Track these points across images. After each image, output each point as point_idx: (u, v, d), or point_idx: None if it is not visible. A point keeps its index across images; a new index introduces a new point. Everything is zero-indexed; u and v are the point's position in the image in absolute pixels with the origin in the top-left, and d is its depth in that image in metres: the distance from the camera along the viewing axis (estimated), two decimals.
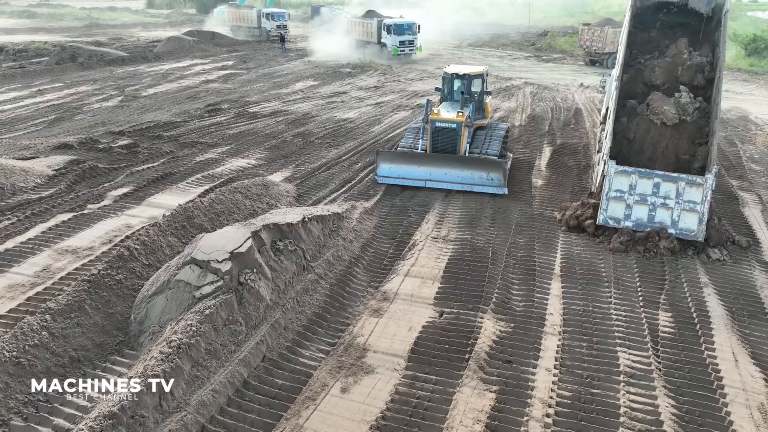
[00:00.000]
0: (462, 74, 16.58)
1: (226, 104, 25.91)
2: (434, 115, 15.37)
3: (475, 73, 16.68)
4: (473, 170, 14.71)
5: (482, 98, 16.82)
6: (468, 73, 16.57)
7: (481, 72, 16.80)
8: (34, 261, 10.98)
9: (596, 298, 10.15)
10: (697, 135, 12.30)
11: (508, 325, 9.32)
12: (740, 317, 9.62)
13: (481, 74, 16.79)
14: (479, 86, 16.80)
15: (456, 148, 15.31)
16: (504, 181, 14.56)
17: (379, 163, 15.56)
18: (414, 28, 41.24)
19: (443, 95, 17.18)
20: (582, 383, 7.98)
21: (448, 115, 15.36)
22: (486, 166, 14.74)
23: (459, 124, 15.12)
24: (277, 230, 10.12)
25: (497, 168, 14.64)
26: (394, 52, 41.02)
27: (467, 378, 7.99)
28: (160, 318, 8.59)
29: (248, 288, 8.77)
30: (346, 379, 8.04)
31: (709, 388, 7.88)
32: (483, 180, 14.63)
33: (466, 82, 16.51)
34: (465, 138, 15.30)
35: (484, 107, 16.87)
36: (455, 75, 16.69)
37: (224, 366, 7.84)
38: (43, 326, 8.09)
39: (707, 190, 11.50)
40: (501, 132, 16.54)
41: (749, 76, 35.05)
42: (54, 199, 13.94)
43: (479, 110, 16.74)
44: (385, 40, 41.74)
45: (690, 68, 12.99)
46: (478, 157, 15.10)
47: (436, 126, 15.27)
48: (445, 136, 15.26)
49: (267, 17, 53.06)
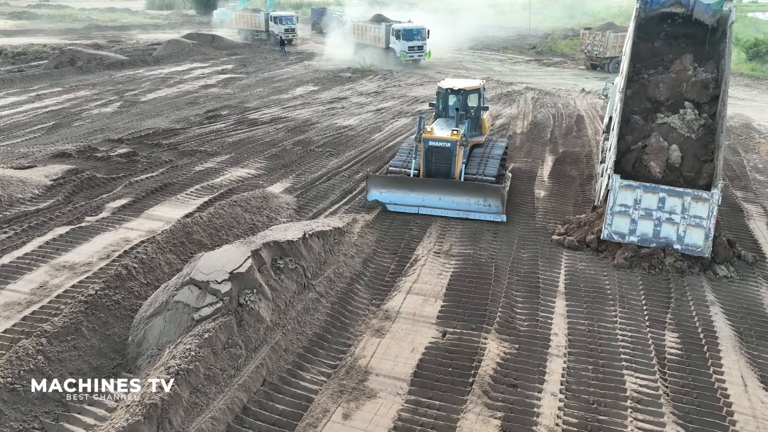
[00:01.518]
0: (457, 89, 15.71)
1: (226, 110, 25.76)
2: (427, 133, 14.22)
3: (471, 87, 15.84)
4: (469, 196, 13.81)
5: (479, 114, 16.03)
6: (463, 88, 15.72)
7: (477, 87, 15.96)
8: (31, 277, 10.82)
9: (601, 318, 10.00)
10: (703, 152, 12.15)
11: (512, 346, 9.16)
12: (748, 338, 9.47)
13: (478, 89, 15.93)
14: (476, 101, 15.98)
15: (450, 170, 14.25)
16: (502, 208, 13.67)
17: (369, 188, 14.60)
18: (423, 34, 40.63)
19: (437, 111, 16.31)
20: (588, 409, 7.83)
21: (442, 134, 14.30)
22: (483, 191, 13.80)
23: (453, 144, 13.98)
24: (278, 248, 9.97)
25: (495, 194, 13.71)
26: (403, 57, 40.40)
27: (471, 403, 7.84)
28: (158, 340, 8.42)
29: (248, 309, 8.62)
30: (347, 404, 7.88)
31: (718, 414, 7.73)
32: (480, 206, 13.76)
33: (461, 97, 15.69)
34: (460, 158, 14.27)
35: (481, 123, 16.09)
36: (450, 90, 15.84)
37: (223, 392, 7.68)
38: (39, 350, 7.93)
39: (713, 206, 11.36)
40: (499, 151, 15.69)
41: (751, 81, 34.92)
42: (51, 211, 13.78)
43: (476, 127, 15.99)
44: (394, 46, 41.11)
45: (695, 84, 12.85)
46: (474, 183, 14.08)
47: (429, 145, 14.16)
48: (438, 156, 14.20)
49: (275, 21, 52.25)
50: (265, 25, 52.72)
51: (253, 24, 54.21)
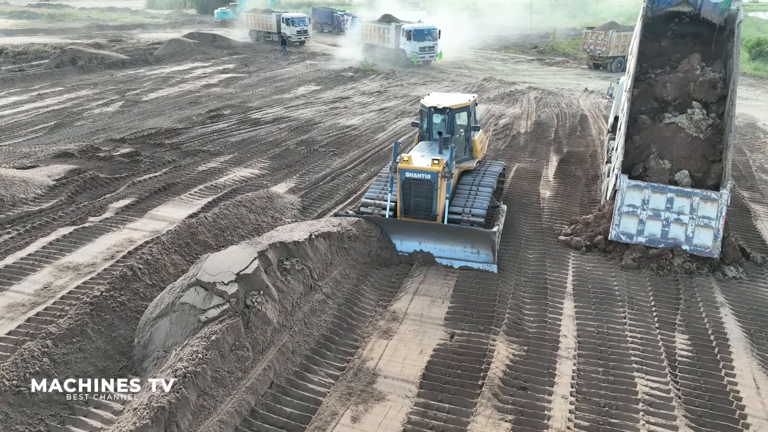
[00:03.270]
0: (442, 108, 13.20)
1: (228, 110, 25.66)
2: (403, 162, 11.79)
3: (458, 105, 13.33)
4: (453, 242, 11.62)
5: (469, 135, 13.84)
6: (450, 106, 13.19)
7: (466, 104, 13.47)
8: (35, 278, 10.74)
9: (610, 319, 9.91)
10: (711, 152, 12.07)
11: (521, 348, 9.08)
12: (759, 340, 9.39)
13: (467, 106, 13.48)
14: (465, 120, 13.71)
15: (432, 206, 11.95)
16: (493, 257, 11.39)
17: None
18: (434, 34, 40.06)
19: (421, 132, 14.04)
20: (600, 412, 7.75)
21: (421, 163, 11.86)
22: (469, 236, 11.52)
23: (434, 175, 11.60)
24: (284, 249, 9.87)
25: (483, 240, 11.38)
26: (414, 59, 39.83)
27: (481, 406, 7.76)
28: (164, 342, 8.34)
29: (255, 311, 8.53)
30: (356, 407, 7.80)
31: (731, 418, 7.65)
32: (466, 254, 11.58)
33: (447, 117, 13.21)
34: (443, 192, 11.89)
35: (472, 146, 13.93)
36: (434, 109, 13.34)
37: (231, 394, 7.60)
38: (44, 352, 7.87)
39: (722, 206, 11.27)
40: (491, 179, 13.38)
41: (755, 81, 34.81)
42: (55, 212, 13.70)
43: (465, 150, 13.83)
44: (404, 47, 40.37)
45: (703, 84, 12.76)
46: (459, 228, 11.78)
47: (406, 177, 11.81)
48: (417, 189, 11.89)
49: (287, 23, 50.71)
50: (276, 26, 51.19)
51: (264, 25, 52.74)
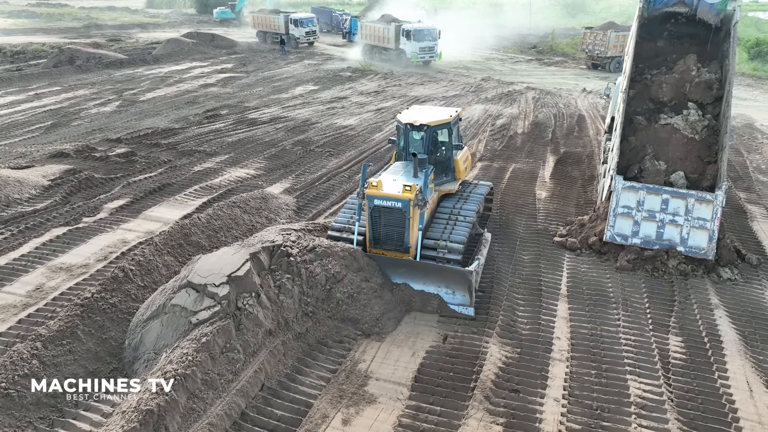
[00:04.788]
0: (419, 125, 11.64)
1: (225, 110, 25.62)
2: (371, 188, 10.44)
3: (437, 122, 11.71)
4: (425, 280, 10.20)
5: (451, 154, 12.31)
6: (428, 123, 11.59)
7: (447, 120, 11.86)
8: (27, 279, 10.71)
9: (604, 321, 9.87)
10: (706, 153, 12.03)
11: (514, 350, 9.05)
12: (753, 342, 9.35)
13: (447, 123, 11.90)
14: (447, 137, 12.20)
15: (403, 237, 10.61)
16: (470, 299, 9.90)
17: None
18: (434, 34, 39.90)
19: (398, 150, 12.46)
20: (592, 415, 7.72)
21: (392, 189, 10.45)
22: (443, 274, 10.11)
23: (405, 203, 10.22)
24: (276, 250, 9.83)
25: (459, 280, 9.92)
26: (414, 59, 39.66)
27: (473, 409, 7.72)
28: (155, 344, 8.31)
29: (246, 313, 8.49)
30: (347, 410, 7.77)
31: (723, 420, 7.61)
32: (440, 293, 10.14)
33: (426, 135, 11.71)
34: (416, 222, 10.52)
35: (454, 166, 12.40)
36: (410, 126, 11.78)
37: (221, 397, 7.56)
38: (34, 354, 7.84)
39: (717, 207, 11.23)
40: (472, 206, 11.84)
41: (753, 81, 34.75)
42: (49, 212, 13.66)
43: (446, 171, 12.34)
44: (404, 47, 40.23)
45: (698, 85, 12.72)
46: (431, 265, 10.38)
47: (374, 205, 10.46)
48: (388, 218, 10.56)
49: (295, 24, 49.65)
50: (285, 27, 50.26)
51: (272, 26, 51.72)
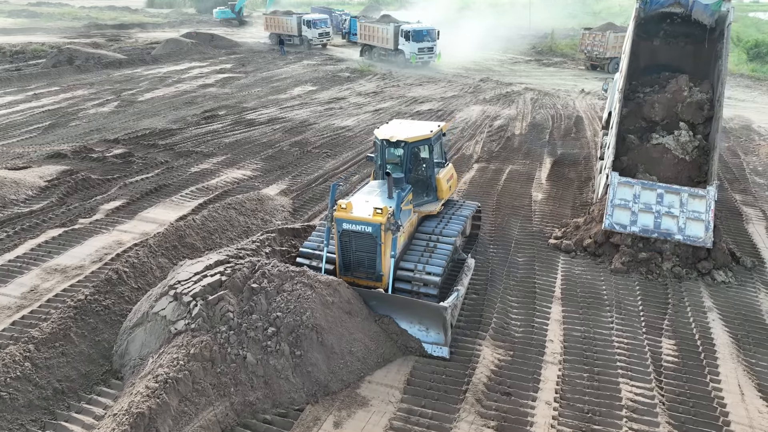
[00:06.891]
0: (396, 141, 10.60)
1: (223, 110, 25.64)
2: (341, 210, 9.53)
3: (417, 138, 10.66)
4: (397, 314, 9.25)
5: (432, 172, 11.29)
6: (406, 139, 10.53)
7: (427, 135, 10.78)
8: (22, 281, 10.72)
9: (597, 324, 9.88)
10: (696, 174, 12.22)
11: (507, 353, 9.05)
12: (745, 345, 9.35)
13: (428, 139, 10.82)
14: (428, 153, 11.18)
15: (375, 263, 9.65)
16: (444, 338, 8.91)
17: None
18: (433, 35, 39.88)
19: (376, 168, 11.42)
20: (583, 418, 7.72)
21: (362, 212, 9.47)
22: (415, 310, 9.10)
23: (376, 228, 9.28)
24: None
25: (432, 317, 8.92)
26: (413, 59, 39.63)
27: (464, 412, 7.73)
28: (140, 352, 8.27)
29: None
30: (339, 412, 7.77)
31: (714, 424, 7.62)
32: (413, 330, 9.15)
33: (405, 152, 10.67)
34: (388, 248, 9.51)
35: (436, 185, 11.37)
36: (387, 142, 10.74)
37: (213, 404, 7.56)
38: (26, 356, 7.85)
39: (710, 201, 11.34)
40: (456, 227, 10.83)
41: (752, 82, 34.75)
42: (45, 213, 13.68)
43: (427, 190, 11.32)
44: (403, 47, 40.23)
45: (690, 105, 12.95)
46: (402, 299, 9.33)
47: (343, 229, 9.58)
48: (358, 243, 9.61)
49: (308, 25, 49.17)
50: (297, 29, 49.71)
51: (285, 28, 50.87)
